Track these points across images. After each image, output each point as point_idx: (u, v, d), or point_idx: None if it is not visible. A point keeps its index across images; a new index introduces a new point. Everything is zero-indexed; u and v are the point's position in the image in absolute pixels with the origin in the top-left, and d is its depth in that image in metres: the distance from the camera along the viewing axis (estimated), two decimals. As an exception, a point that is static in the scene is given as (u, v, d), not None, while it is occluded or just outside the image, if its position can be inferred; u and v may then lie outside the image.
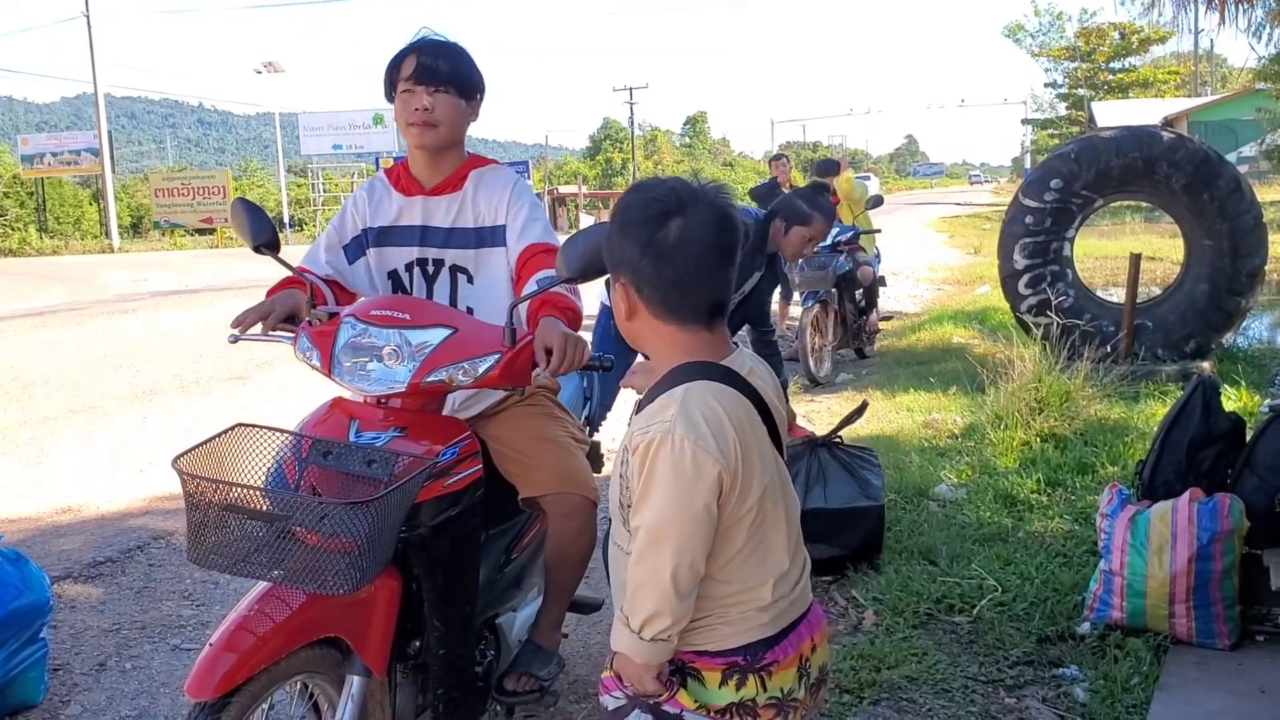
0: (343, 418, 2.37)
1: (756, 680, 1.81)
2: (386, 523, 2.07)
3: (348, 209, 2.89)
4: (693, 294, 1.81)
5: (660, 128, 79.07)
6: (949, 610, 3.91)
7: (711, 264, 1.81)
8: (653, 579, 1.73)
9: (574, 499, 2.74)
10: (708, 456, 1.70)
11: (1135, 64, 55.91)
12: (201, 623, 4.02)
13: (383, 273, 2.85)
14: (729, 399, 1.78)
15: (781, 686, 1.83)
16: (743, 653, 1.81)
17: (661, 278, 1.80)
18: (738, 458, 1.74)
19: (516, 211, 2.77)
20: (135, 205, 47.46)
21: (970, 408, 7.11)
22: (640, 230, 1.80)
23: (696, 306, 1.83)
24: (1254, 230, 8.09)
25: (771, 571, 1.83)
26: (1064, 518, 4.85)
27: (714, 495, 1.72)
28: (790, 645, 1.84)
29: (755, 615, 1.81)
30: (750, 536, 1.80)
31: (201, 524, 2.04)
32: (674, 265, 1.79)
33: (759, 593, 1.81)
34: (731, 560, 1.79)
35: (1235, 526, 3.55)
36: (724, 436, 1.73)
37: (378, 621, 2.28)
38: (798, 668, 1.85)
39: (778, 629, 1.83)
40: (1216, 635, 3.52)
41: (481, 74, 2.80)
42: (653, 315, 1.84)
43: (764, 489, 1.80)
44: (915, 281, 16.80)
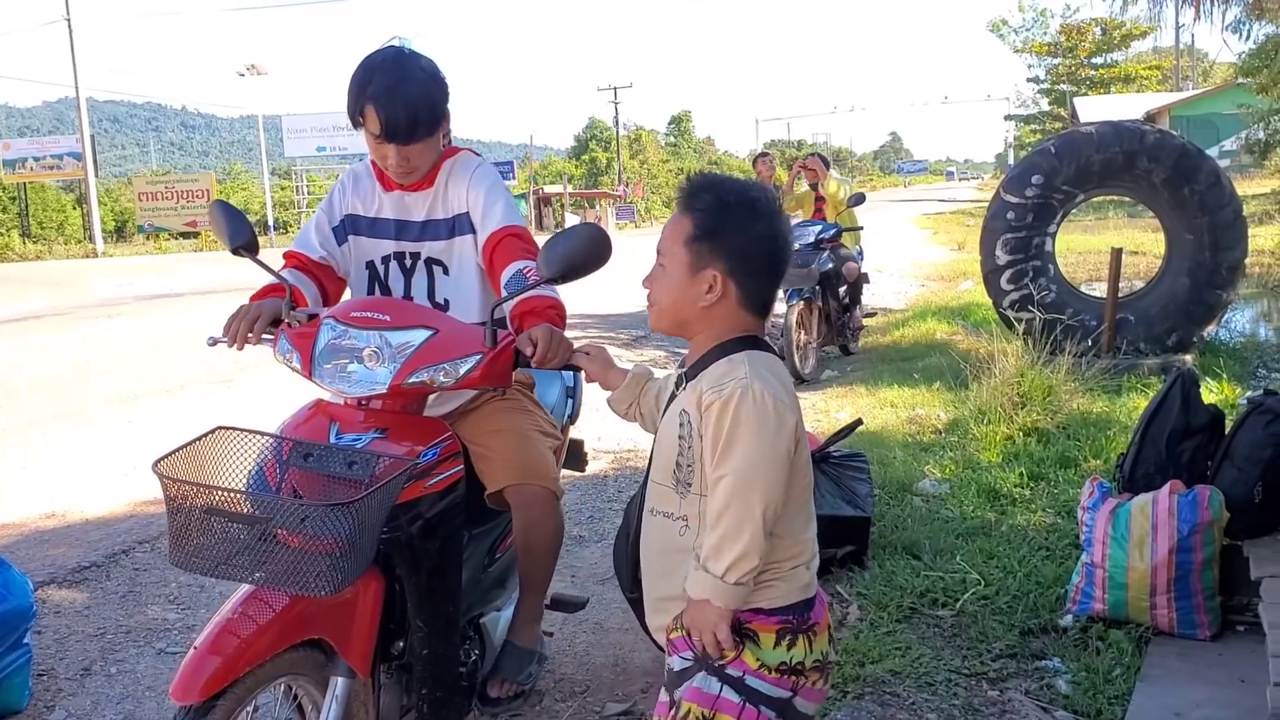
0: (323, 420, 2.37)
1: (805, 641, 1.95)
2: (368, 524, 2.07)
3: (335, 192, 2.92)
4: (774, 287, 2.05)
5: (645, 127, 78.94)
6: (933, 604, 3.93)
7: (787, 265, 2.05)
8: (744, 521, 1.85)
9: (532, 489, 2.71)
10: (787, 407, 1.90)
11: (1117, 59, 56.16)
12: (187, 626, 4.02)
13: (360, 262, 2.87)
14: (779, 367, 2.00)
15: (822, 649, 1.98)
16: (791, 612, 1.95)
17: (766, 268, 2.01)
18: (799, 412, 1.94)
19: (477, 196, 2.76)
20: (119, 209, 47.33)
21: (954, 403, 7.14)
22: (760, 225, 1.99)
23: (770, 298, 2.05)
24: (1234, 224, 8.15)
25: (812, 527, 2.01)
26: (1047, 511, 4.88)
27: (793, 442, 1.90)
28: (822, 609, 2.01)
29: (802, 573, 1.97)
30: (802, 491, 1.98)
31: (183, 527, 2.04)
32: (781, 260, 2.02)
33: (805, 548, 1.98)
34: (788, 512, 1.93)
35: (1215, 518, 3.57)
36: (790, 392, 1.95)
37: (361, 622, 2.28)
38: (828, 631, 2.01)
39: (813, 591, 1.99)
40: (1197, 626, 3.55)
41: (443, 91, 2.73)
42: (737, 302, 2.00)
43: (806, 456, 1.97)
44: (899, 278, 16.85)
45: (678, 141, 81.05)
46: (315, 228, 2.90)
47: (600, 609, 4.05)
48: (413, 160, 2.71)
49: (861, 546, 4.34)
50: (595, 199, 59.27)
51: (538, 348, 2.36)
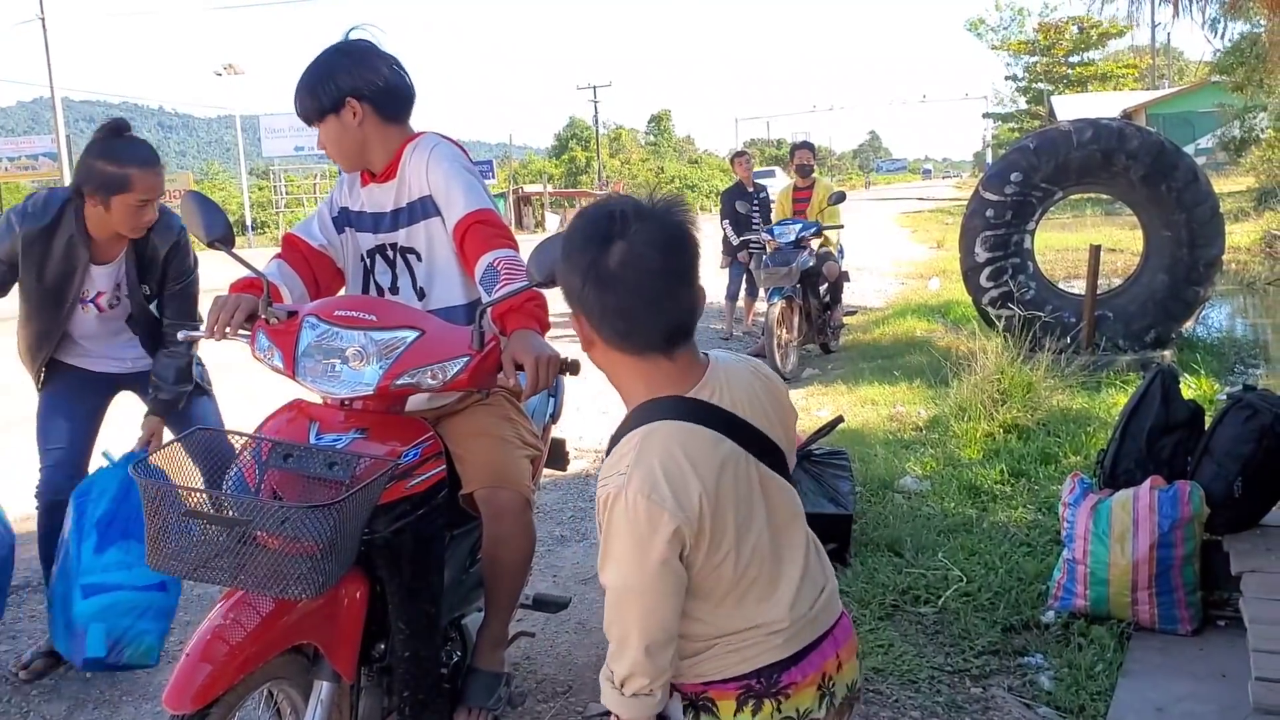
0: (303, 420, 2.34)
1: (772, 704, 1.72)
2: (349, 526, 2.05)
3: (337, 184, 2.93)
4: (642, 322, 1.68)
5: (625, 126, 79.00)
6: (915, 601, 3.93)
7: (658, 288, 1.66)
8: (624, 641, 1.66)
9: (503, 495, 2.66)
10: (663, 512, 1.60)
11: (1094, 58, 56.49)
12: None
13: (355, 256, 2.86)
14: (697, 441, 1.67)
15: (798, 707, 1.74)
16: (756, 676, 1.72)
17: (606, 306, 1.67)
18: (703, 509, 1.63)
19: (437, 179, 2.69)
20: (94, 210, 46.97)
21: (934, 400, 7.16)
22: (580, 258, 1.67)
23: (649, 335, 1.69)
24: (1211, 220, 8.21)
25: (780, 601, 1.74)
26: (1028, 507, 4.89)
27: (673, 550, 1.62)
28: (811, 665, 1.76)
29: (768, 640, 1.73)
30: (739, 578, 1.70)
31: (161, 530, 2.02)
32: (616, 293, 1.65)
33: (760, 620, 1.72)
34: (723, 604, 1.71)
35: (1195, 513, 3.59)
36: (684, 488, 1.62)
37: (346, 626, 2.26)
38: (818, 686, 1.76)
39: (794, 649, 1.74)
40: (1178, 621, 3.56)
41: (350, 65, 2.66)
42: (607, 346, 1.72)
43: (740, 531, 1.69)
44: (879, 276, 16.90)
45: (658, 140, 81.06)
46: (318, 215, 2.91)
47: (583, 609, 4.03)
48: (330, 146, 2.72)
49: (843, 544, 4.34)
50: (575, 198, 59.18)
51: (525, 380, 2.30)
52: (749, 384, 1.79)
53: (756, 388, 1.79)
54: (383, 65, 2.71)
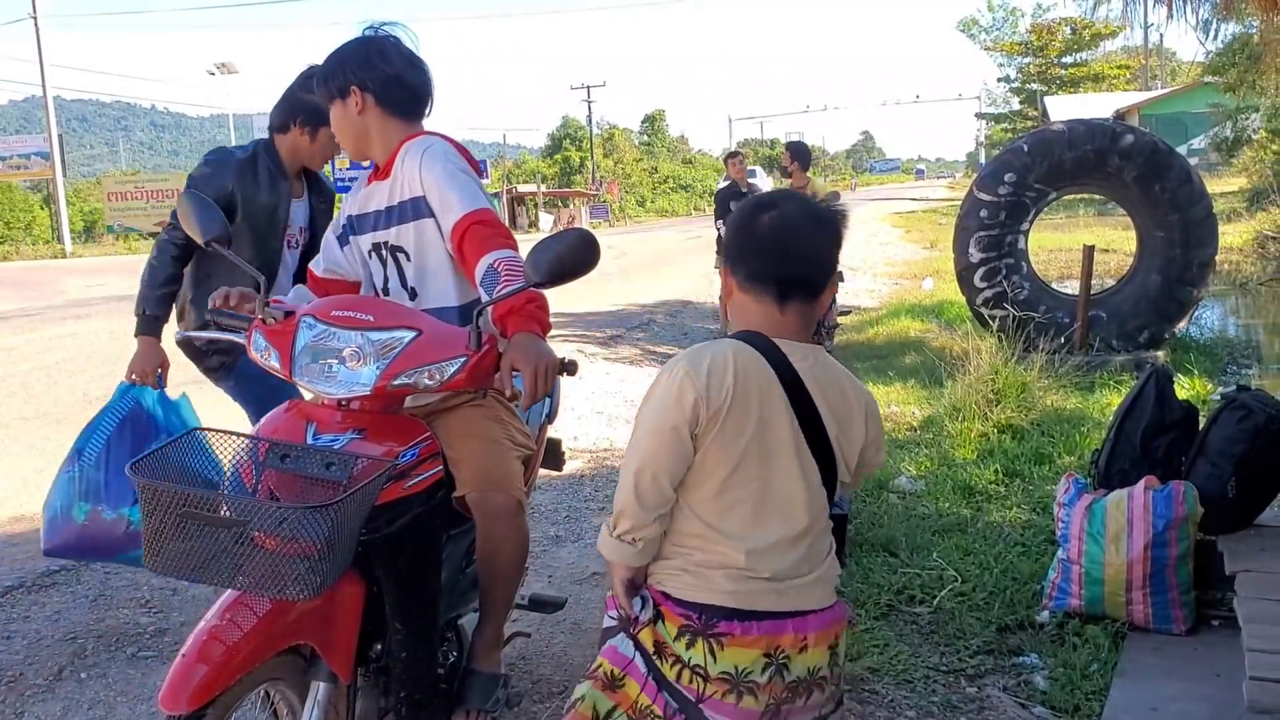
0: (300, 420, 2.33)
1: (705, 646, 1.90)
2: (346, 526, 2.04)
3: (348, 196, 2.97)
4: (762, 264, 1.99)
5: (619, 126, 78.88)
6: (910, 601, 3.94)
7: (784, 242, 1.98)
8: (624, 480, 1.95)
9: (495, 499, 2.63)
10: (691, 386, 1.89)
11: (1087, 59, 56.59)
12: (159, 630, 3.96)
13: (361, 259, 2.89)
14: (748, 356, 1.94)
15: (736, 663, 1.89)
16: (698, 611, 1.92)
17: (743, 251, 2.02)
18: (726, 398, 1.89)
19: (431, 181, 2.66)
20: (87, 209, 46.79)
21: (928, 400, 7.17)
22: (739, 219, 2.05)
23: (764, 276, 1.98)
24: (1205, 221, 8.24)
25: (741, 533, 1.92)
26: (1022, 507, 4.90)
27: (686, 419, 1.89)
28: (760, 629, 1.89)
29: (718, 577, 1.91)
30: (725, 482, 1.92)
31: (158, 530, 2.01)
32: (754, 241, 2.00)
33: (725, 549, 1.92)
34: (706, 498, 1.93)
35: (1189, 513, 3.60)
36: (718, 376, 1.90)
37: (343, 626, 2.26)
38: (764, 652, 1.90)
39: (742, 606, 1.90)
40: (1173, 621, 3.57)
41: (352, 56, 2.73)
42: (738, 288, 2.02)
43: (751, 448, 1.92)
44: (872, 276, 16.92)
45: (651, 140, 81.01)
46: (325, 241, 2.98)
47: (578, 609, 4.03)
48: (335, 131, 2.81)
49: (839, 544, 4.32)
50: (569, 198, 59.17)
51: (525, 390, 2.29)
52: (838, 384, 2.03)
53: (848, 396, 2.03)
54: (395, 59, 2.73)
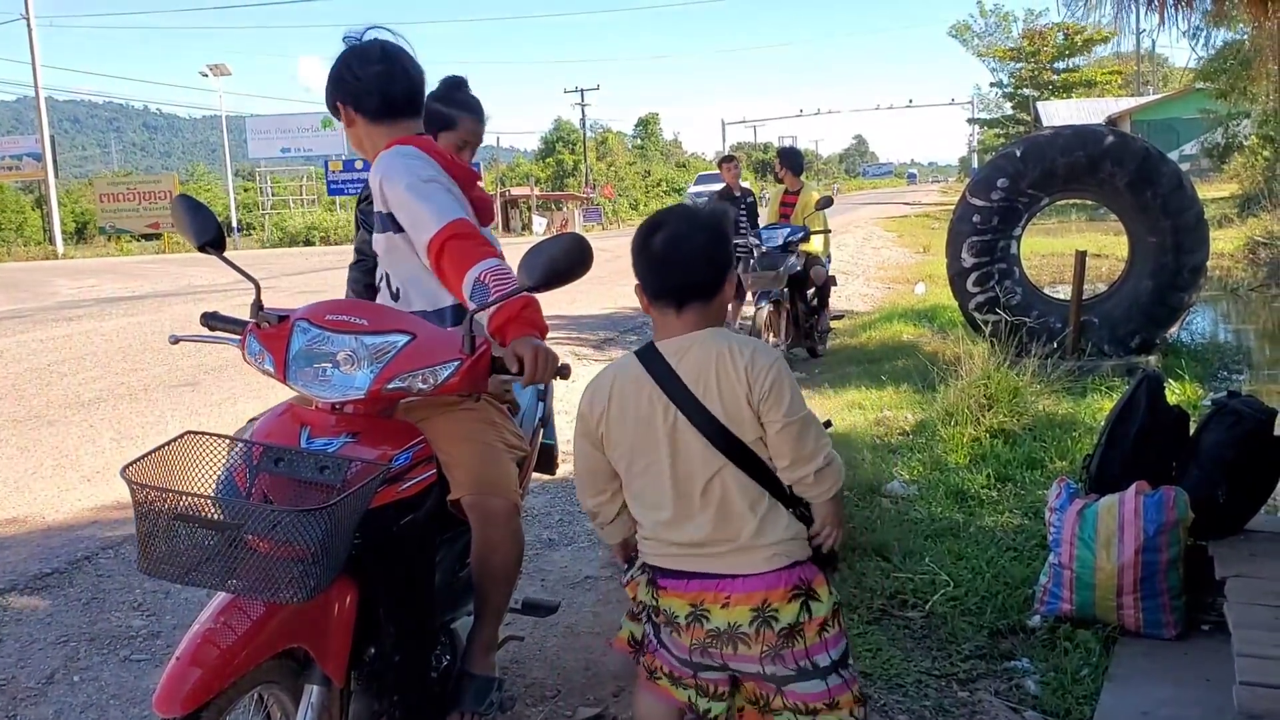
0: (293, 424, 2.34)
1: (651, 591, 2.35)
2: (340, 529, 2.05)
3: None
4: (658, 281, 2.30)
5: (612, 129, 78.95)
6: (902, 606, 3.95)
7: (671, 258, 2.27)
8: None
9: (490, 504, 2.62)
10: (584, 401, 2.37)
11: (1079, 64, 56.77)
12: (152, 633, 3.96)
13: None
14: (625, 372, 2.33)
15: (669, 608, 2.31)
16: (652, 570, 2.35)
17: (643, 274, 2.31)
18: (600, 413, 2.32)
19: (397, 201, 2.62)
20: (79, 210, 46.71)
21: (921, 405, 7.19)
22: (637, 244, 2.31)
23: (662, 291, 2.29)
24: (1196, 227, 8.26)
25: (647, 512, 2.33)
26: (1014, 512, 4.91)
27: (588, 434, 2.36)
28: (685, 587, 2.29)
29: (651, 544, 2.34)
30: (628, 475, 2.34)
31: (151, 534, 2.01)
32: (648, 263, 2.30)
33: (646, 527, 2.34)
34: (626, 488, 2.37)
35: (1180, 518, 3.61)
36: (599, 400, 2.33)
37: (337, 630, 2.25)
38: (690, 603, 2.28)
39: (670, 567, 2.31)
40: (1163, 625, 3.58)
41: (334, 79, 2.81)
42: (648, 305, 2.33)
43: (636, 445, 2.29)
44: (866, 280, 16.95)
45: (645, 144, 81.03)
46: None
47: (571, 613, 4.04)
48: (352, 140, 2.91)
49: (832, 549, 4.34)
50: (562, 201, 59.16)
51: (525, 367, 2.31)
52: (705, 357, 2.25)
53: (711, 360, 2.24)
54: (369, 67, 2.72)
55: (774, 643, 2.23)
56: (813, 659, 2.26)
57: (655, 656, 2.41)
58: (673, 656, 2.35)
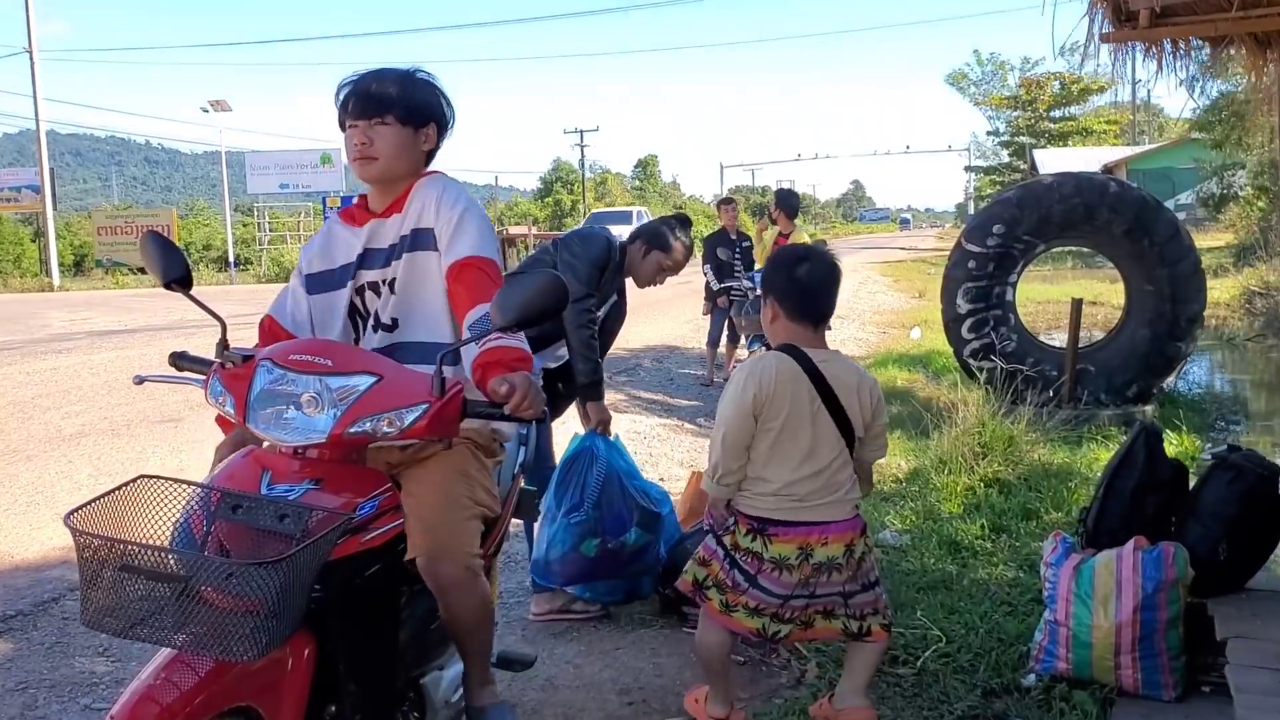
0: (255, 468, 2.22)
1: (763, 541, 3.07)
2: (297, 582, 1.93)
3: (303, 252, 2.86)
4: (806, 305, 3.15)
5: (611, 170, 79.24)
6: (893, 662, 3.82)
7: (818, 289, 3.15)
8: (715, 446, 3.12)
9: (441, 569, 2.50)
10: (754, 384, 3.04)
11: (1075, 113, 57.13)
12: (116, 680, 3.82)
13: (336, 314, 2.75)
14: (785, 364, 3.07)
15: (780, 552, 3.06)
16: (758, 520, 3.09)
17: (789, 294, 3.15)
18: (769, 393, 3.03)
19: (450, 216, 2.61)
20: (78, 243, 46.63)
21: (915, 452, 7.08)
22: (785, 267, 3.18)
23: (806, 313, 3.14)
24: (1193, 276, 8.21)
25: (777, 474, 3.06)
26: (1009, 565, 4.80)
27: (749, 404, 3.03)
28: (795, 532, 3.05)
29: (767, 498, 3.07)
30: (771, 444, 3.05)
31: (94, 584, 1.89)
32: (797, 286, 3.15)
33: (770, 481, 3.06)
34: (758, 453, 3.07)
35: (1180, 576, 3.50)
36: (767, 377, 3.05)
37: (292, 688, 2.13)
38: (798, 546, 3.05)
39: (783, 518, 3.06)
40: (1162, 687, 3.45)
41: (442, 101, 2.74)
42: (785, 318, 3.15)
43: (785, 423, 3.04)
44: (861, 325, 16.88)
45: (643, 185, 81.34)
46: (290, 293, 2.84)
47: (551, 665, 3.91)
48: (374, 146, 2.62)
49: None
50: (559, 241, 59.15)
51: (514, 395, 2.22)
52: (846, 372, 3.15)
53: (853, 378, 3.15)
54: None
55: (855, 568, 3.14)
56: (869, 576, 3.22)
57: (740, 594, 3.09)
58: (768, 593, 3.06)
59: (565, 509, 4.25)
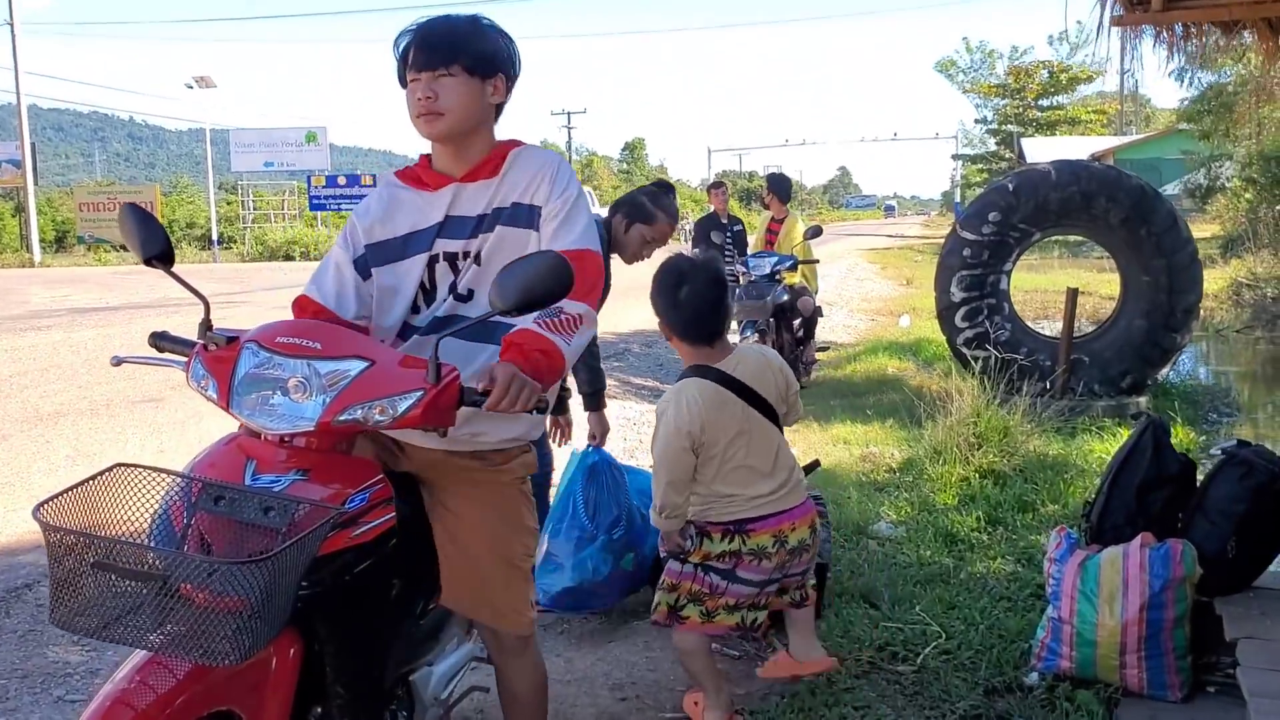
0: (239, 456, 2.08)
1: (740, 539, 3.14)
2: (283, 581, 1.81)
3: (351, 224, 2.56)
4: (694, 328, 3.17)
5: (598, 153, 79.00)
6: (893, 659, 3.74)
7: (703, 309, 3.14)
8: (658, 488, 3.10)
9: (500, 635, 2.52)
10: (685, 420, 3.06)
11: (1063, 102, 57.10)
12: (91, 671, 3.70)
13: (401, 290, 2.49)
14: (707, 390, 3.10)
15: (758, 544, 3.15)
16: (732, 524, 3.15)
17: (676, 321, 3.17)
18: (701, 423, 3.06)
19: (562, 202, 2.43)
20: (60, 219, 46.14)
21: (908, 441, 7.00)
22: (665, 291, 3.15)
23: (698, 334, 3.17)
24: (1190, 266, 8.13)
25: (748, 485, 3.13)
26: (1006, 558, 4.72)
27: (685, 443, 3.06)
28: (769, 524, 3.15)
29: (741, 505, 3.14)
30: (718, 467, 3.11)
31: (65, 581, 1.77)
32: (682, 313, 3.15)
33: (743, 495, 3.14)
34: (715, 479, 3.12)
35: (1188, 574, 3.41)
36: (694, 411, 3.06)
37: (276, 691, 2.02)
38: (773, 535, 3.15)
39: (755, 514, 3.14)
40: (1168, 687, 3.37)
41: (509, 48, 2.47)
42: (680, 342, 3.20)
43: (730, 443, 3.10)
44: (850, 312, 16.80)
45: (631, 168, 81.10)
46: (333, 266, 2.53)
47: (542, 659, 3.80)
48: (440, 100, 2.35)
49: (818, 594, 4.14)
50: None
51: (493, 390, 2.06)
52: (754, 363, 3.22)
53: (760, 364, 3.22)
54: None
55: (815, 546, 3.32)
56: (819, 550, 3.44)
57: (720, 597, 3.17)
58: (747, 584, 3.16)
59: (606, 526, 4.08)
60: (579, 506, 4.09)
